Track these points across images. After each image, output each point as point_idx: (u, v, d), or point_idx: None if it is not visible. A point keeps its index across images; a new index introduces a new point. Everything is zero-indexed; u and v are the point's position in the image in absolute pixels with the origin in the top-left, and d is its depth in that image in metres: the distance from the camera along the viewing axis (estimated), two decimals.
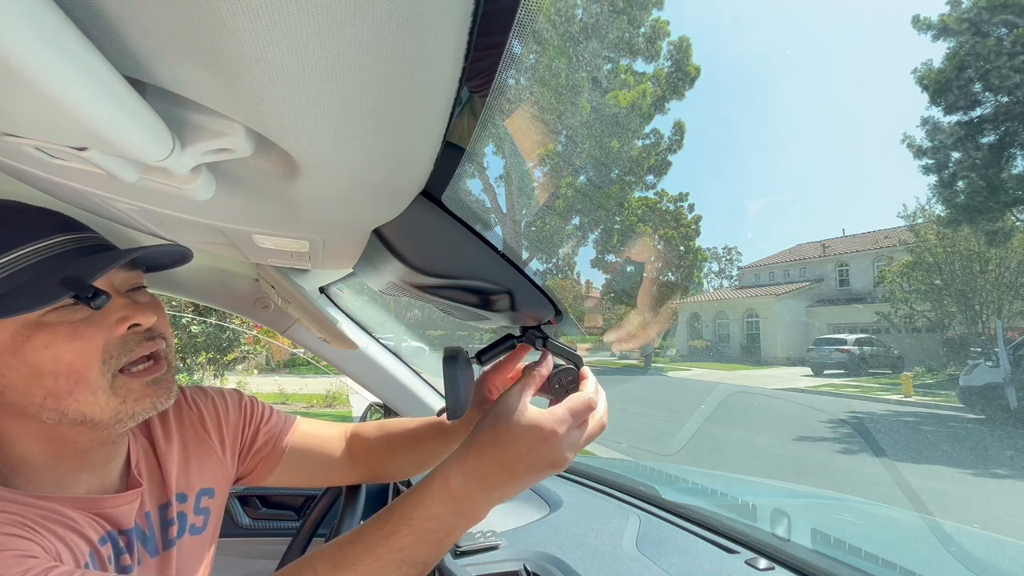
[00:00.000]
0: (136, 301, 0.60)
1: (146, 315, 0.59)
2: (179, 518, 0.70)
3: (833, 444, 7.45)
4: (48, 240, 0.54)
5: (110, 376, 0.55)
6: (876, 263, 22.55)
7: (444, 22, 0.27)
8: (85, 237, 0.58)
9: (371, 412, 1.73)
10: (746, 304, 24.93)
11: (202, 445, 0.76)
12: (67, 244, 0.56)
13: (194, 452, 0.75)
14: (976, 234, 12.94)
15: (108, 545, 0.58)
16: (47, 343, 0.52)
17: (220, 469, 0.78)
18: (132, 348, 0.58)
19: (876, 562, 0.89)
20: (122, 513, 0.61)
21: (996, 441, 7.64)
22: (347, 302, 1.44)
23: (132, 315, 0.58)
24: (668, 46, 14.38)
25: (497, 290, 0.64)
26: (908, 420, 9.33)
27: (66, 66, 0.25)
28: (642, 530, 1.07)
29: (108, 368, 0.55)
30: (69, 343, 0.53)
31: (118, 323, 0.57)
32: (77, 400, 0.54)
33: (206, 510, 0.74)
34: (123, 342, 0.57)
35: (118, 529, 0.60)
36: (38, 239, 0.54)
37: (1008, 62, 9.48)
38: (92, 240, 0.59)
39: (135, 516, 0.64)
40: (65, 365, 0.53)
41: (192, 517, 0.72)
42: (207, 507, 0.74)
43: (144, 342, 0.59)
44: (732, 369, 20.14)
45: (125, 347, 0.57)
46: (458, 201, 0.52)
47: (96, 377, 0.54)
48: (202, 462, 0.75)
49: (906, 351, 17.43)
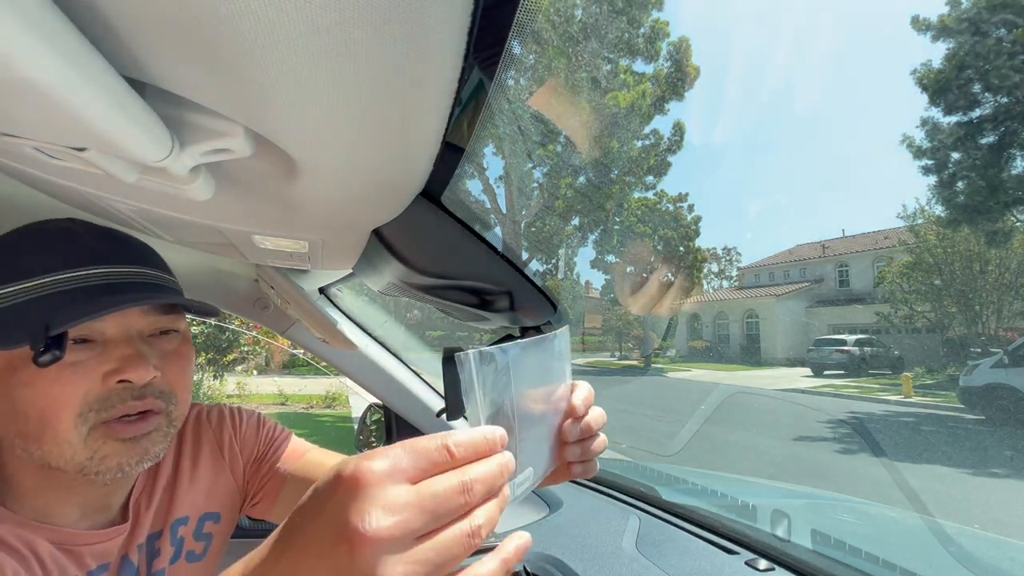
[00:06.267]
0: (139, 352, 0.54)
1: (139, 371, 0.53)
2: (174, 544, 0.66)
3: (833, 445, 7.45)
4: (61, 275, 0.51)
5: (85, 429, 0.51)
6: (876, 264, 22.58)
7: (444, 22, 0.27)
8: (114, 273, 0.54)
9: (371, 413, 1.73)
10: (746, 305, 24.95)
11: (215, 467, 0.73)
12: (81, 280, 0.52)
13: (205, 474, 0.72)
14: (976, 234, 12.94)
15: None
16: (29, 381, 0.49)
17: (230, 494, 0.74)
18: (114, 405, 0.52)
19: (876, 563, 0.89)
20: (101, 550, 0.59)
21: (996, 441, 7.64)
22: (347, 303, 1.44)
23: (123, 369, 0.53)
24: (668, 46, 14.39)
25: (496, 290, 0.64)
26: (908, 420, 9.33)
27: (65, 66, 0.25)
28: (642, 531, 1.07)
29: (84, 421, 0.51)
30: (48, 387, 0.50)
31: (106, 376, 0.52)
32: (42, 447, 0.51)
33: (208, 536, 0.70)
34: (106, 396, 0.52)
35: (99, 564, 0.58)
36: (56, 271, 0.51)
37: (1008, 62, 9.48)
38: (118, 277, 0.55)
39: (122, 550, 0.61)
40: (38, 409, 0.50)
41: (191, 543, 0.68)
42: (210, 532, 0.71)
43: (130, 400, 0.53)
44: (732, 370, 20.14)
45: (107, 402, 0.52)
46: (458, 201, 0.52)
47: (67, 429, 0.50)
48: (212, 485, 0.72)
49: (906, 352, 17.44)
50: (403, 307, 13.09)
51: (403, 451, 0.31)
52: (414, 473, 0.31)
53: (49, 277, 0.51)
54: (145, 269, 0.58)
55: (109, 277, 0.54)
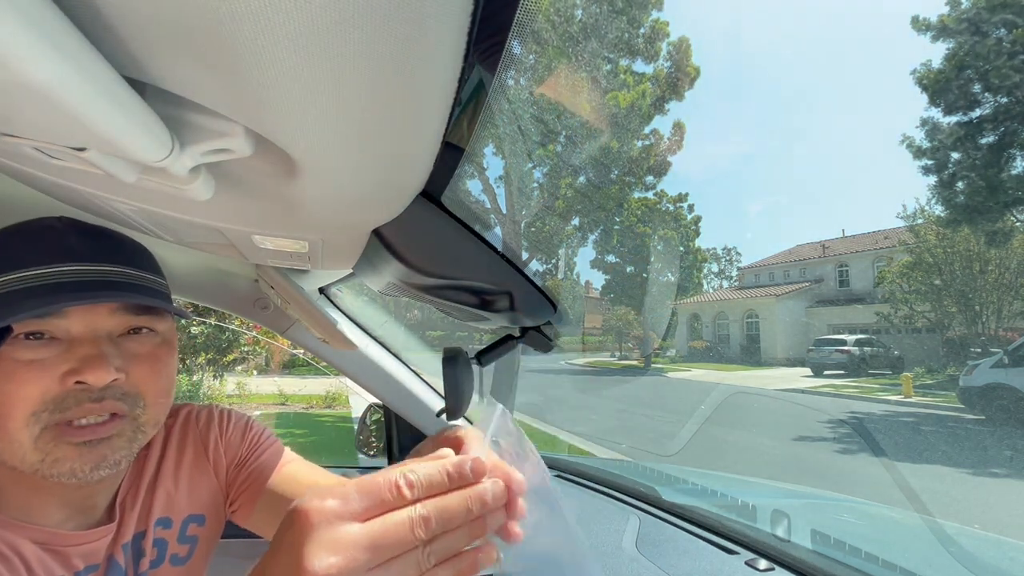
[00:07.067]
0: (101, 352, 0.51)
1: (98, 372, 0.50)
2: (157, 546, 0.65)
3: (833, 445, 7.46)
4: (30, 271, 0.50)
5: (37, 429, 0.49)
6: (876, 263, 22.58)
7: (444, 22, 0.27)
8: (87, 271, 0.53)
9: (371, 413, 1.73)
10: (746, 305, 24.95)
11: (199, 468, 0.71)
12: (49, 277, 0.51)
13: (189, 475, 0.70)
14: (976, 234, 12.95)
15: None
16: None
17: (213, 496, 0.72)
18: (69, 407, 0.50)
19: (876, 563, 0.89)
20: (88, 551, 0.58)
21: (996, 441, 7.65)
22: (347, 303, 1.44)
23: (81, 370, 0.50)
24: (668, 47, 14.39)
25: (496, 291, 0.64)
26: (908, 420, 9.34)
27: (65, 66, 0.25)
28: (642, 531, 1.07)
29: (37, 421, 0.49)
30: (4, 384, 0.48)
31: (63, 376, 0.50)
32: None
33: (193, 539, 0.69)
34: (61, 398, 0.50)
35: (86, 565, 0.57)
36: (25, 267, 0.51)
37: (1008, 62, 9.48)
38: (90, 275, 0.53)
39: (109, 550, 0.60)
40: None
41: (175, 546, 0.67)
42: (195, 535, 0.69)
43: (87, 403, 0.51)
44: (732, 370, 20.14)
45: (61, 404, 0.50)
46: (458, 201, 0.52)
47: (17, 428, 0.49)
48: (196, 486, 0.70)
49: (906, 351, 17.44)
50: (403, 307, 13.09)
51: (355, 489, 0.33)
52: (363, 512, 0.32)
53: (16, 274, 0.50)
54: (127, 269, 0.56)
55: (80, 275, 0.52)
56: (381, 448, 1.70)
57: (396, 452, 1.65)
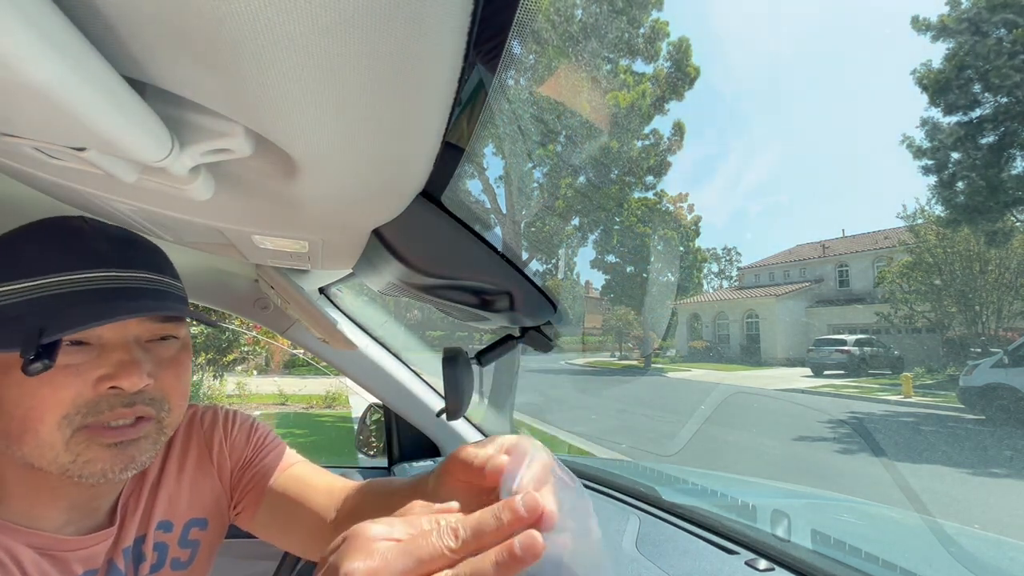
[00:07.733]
0: (135, 359, 0.53)
1: (132, 378, 0.52)
2: (157, 550, 0.65)
3: (833, 445, 7.45)
4: (62, 276, 0.51)
5: (69, 432, 0.50)
6: (876, 264, 22.58)
7: (444, 22, 0.27)
8: (118, 278, 0.53)
9: (371, 413, 1.73)
10: (746, 305, 24.95)
11: (202, 470, 0.71)
12: (83, 283, 0.51)
13: (192, 477, 0.70)
14: (976, 234, 12.95)
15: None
16: (19, 382, 0.49)
17: (216, 498, 0.72)
18: (102, 411, 0.52)
19: (876, 563, 0.89)
20: (88, 555, 0.58)
21: (996, 441, 7.64)
22: (347, 303, 1.44)
23: (116, 376, 0.52)
24: (668, 47, 14.38)
25: (496, 291, 0.64)
26: (908, 420, 9.33)
27: (65, 66, 0.25)
28: (642, 531, 1.07)
29: (69, 423, 0.50)
30: (37, 389, 0.49)
31: (98, 381, 0.52)
32: (24, 447, 0.51)
33: (195, 543, 0.69)
34: (94, 402, 0.51)
35: (85, 570, 0.58)
36: (56, 272, 0.51)
37: (1008, 62, 9.48)
38: (122, 282, 0.54)
39: (109, 555, 0.60)
40: (23, 409, 0.49)
41: (176, 550, 0.66)
42: (196, 539, 0.69)
43: (119, 407, 0.53)
44: (732, 370, 20.14)
45: (95, 408, 0.51)
46: (457, 201, 0.52)
47: (49, 431, 0.50)
48: (199, 489, 0.70)
49: (906, 351, 17.44)
50: (403, 307, 13.08)
51: (402, 521, 0.35)
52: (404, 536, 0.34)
53: (49, 278, 0.51)
54: (152, 275, 0.57)
55: (112, 282, 0.53)
56: (381, 448, 1.70)
57: (396, 452, 1.65)
